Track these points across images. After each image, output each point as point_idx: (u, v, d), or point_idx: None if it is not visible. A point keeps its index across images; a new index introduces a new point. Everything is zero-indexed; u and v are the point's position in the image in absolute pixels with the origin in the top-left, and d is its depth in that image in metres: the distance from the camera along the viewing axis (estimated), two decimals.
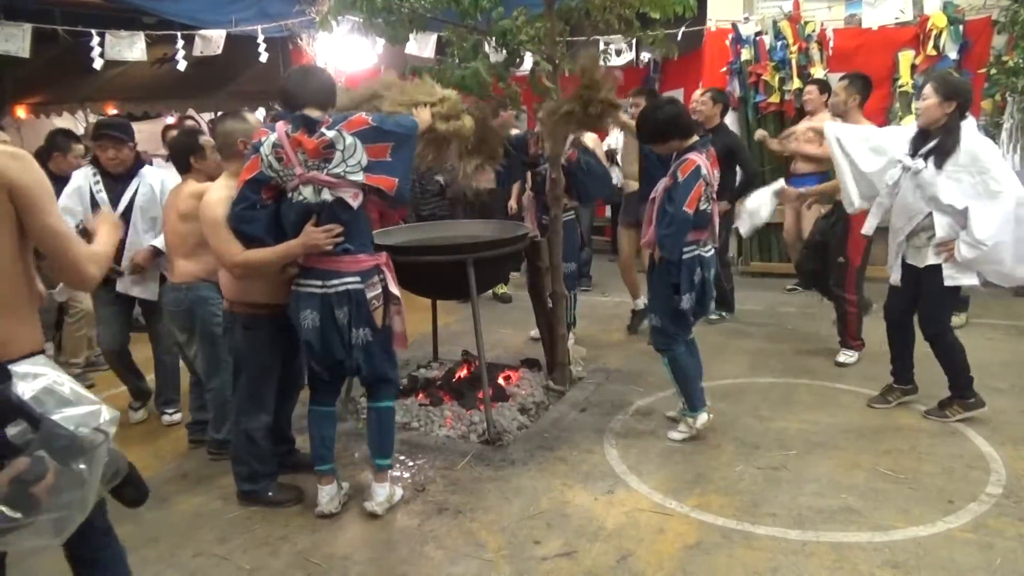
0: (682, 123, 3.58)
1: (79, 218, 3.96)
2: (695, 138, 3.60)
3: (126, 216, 4.01)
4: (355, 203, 2.88)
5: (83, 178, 4.13)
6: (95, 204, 4.02)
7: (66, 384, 1.09)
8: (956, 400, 3.96)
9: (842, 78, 4.95)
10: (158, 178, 4.20)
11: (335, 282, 2.93)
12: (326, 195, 2.86)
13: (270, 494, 3.33)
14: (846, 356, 4.90)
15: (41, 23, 6.18)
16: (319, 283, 2.95)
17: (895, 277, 3.95)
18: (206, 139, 3.82)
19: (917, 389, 4.15)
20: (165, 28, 7.11)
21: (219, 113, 10.53)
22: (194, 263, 3.71)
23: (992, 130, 6.40)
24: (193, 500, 3.42)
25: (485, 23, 3.89)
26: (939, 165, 3.59)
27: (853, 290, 4.81)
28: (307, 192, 2.87)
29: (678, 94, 8.35)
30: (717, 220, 3.81)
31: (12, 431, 0.97)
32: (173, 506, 3.36)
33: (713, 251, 3.79)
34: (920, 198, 3.69)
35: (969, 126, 3.65)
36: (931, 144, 3.64)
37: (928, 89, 3.66)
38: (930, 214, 3.68)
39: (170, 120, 9.97)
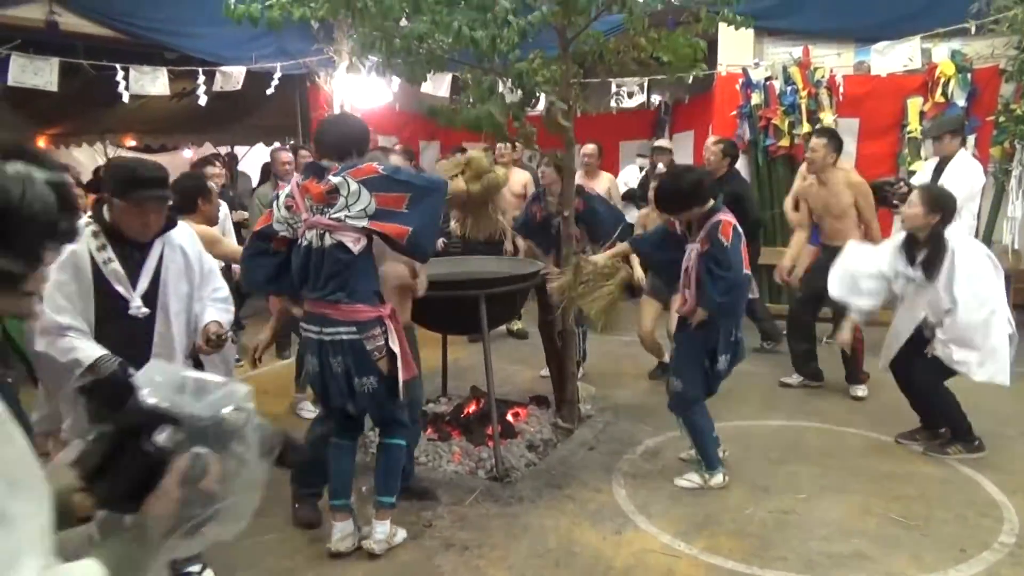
0: (704, 190, 3.58)
1: (69, 305, 2.58)
2: (712, 201, 3.60)
3: (150, 298, 2.71)
4: (355, 247, 2.88)
5: (82, 242, 2.62)
6: (101, 281, 2.63)
7: (189, 376, 1.10)
8: (959, 441, 4.03)
9: (819, 134, 5.14)
10: (189, 237, 2.92)
11: (330, 330, 2.93)
12: (328, 239, 2.89)
13: (296, 506, 3.39)
14: (861, 390, 5.01)
15: (65, 57, 6.33)
16: (317, 328, 2.97)
17: (884, 365, 4.23)
18: (212, 184, 3.93)
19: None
20: (186, 63, 7.27)
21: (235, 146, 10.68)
22: None
23: (1001, 177, 6.46)
24: None
25: (502, 64, 3.98)
26: (930, 277, 3.87)
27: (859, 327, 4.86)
28: (311, 236, 2.92)
29: (688, 137, 8.45)
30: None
31: (160, 437, 0.99)
32: None
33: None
34: (919, 303, 3.97)
35: (958, 229, 4.09)
36: (922, 256, 3.92)
37: (915, 197, 3.95)
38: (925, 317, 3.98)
39: (188, 153, 10.13)
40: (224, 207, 5.68)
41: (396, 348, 2.99)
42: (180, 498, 0.99)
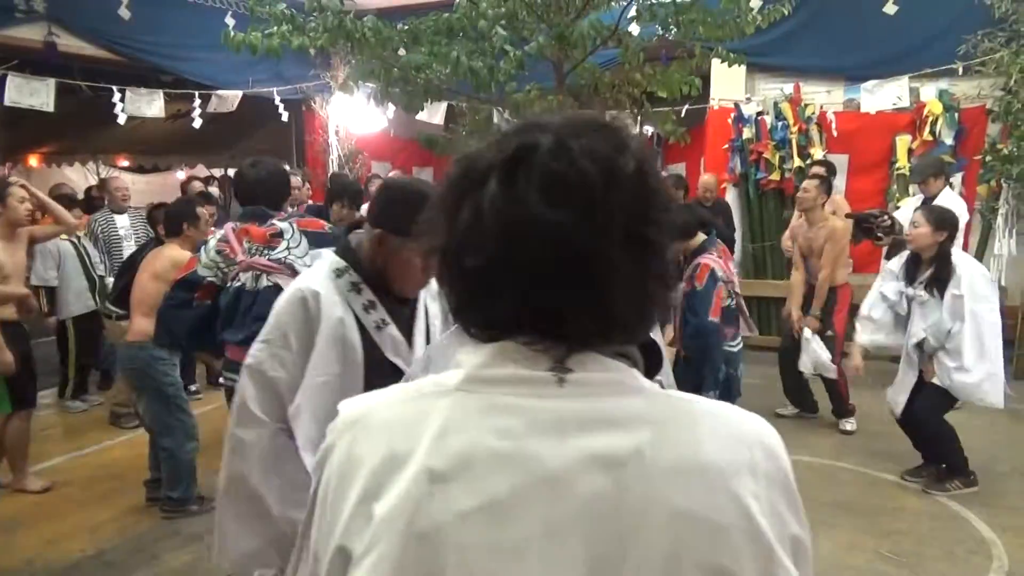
0: (685, 227, 3.57)
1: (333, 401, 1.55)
2: (701, 236, 3.61)
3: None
4: None
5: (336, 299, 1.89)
6: (373, 354, 1.87)
7: None
8: (957, 477, 4.03)
9: (812, 176, 5.21)
10: None
11: None
12: (263, 281, 2.71)
13: None
14: (850, 424, 5.03)
15: (61, 78, 6.35)
16: (235, 376, 2.59)
17: (898, 412, 4.15)
18: (202, 211, 3.95)
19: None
20: (182, 86, 7.30)
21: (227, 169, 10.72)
22: (152, 322, 3.57)
23: (987, 215, 6.55)
24: (183, 557, 3.36)
25: (499, 95, 4.02)
26: (940, 293, 3.86)
27: (839, 359, 4.91)
28: (246, 278, 2.74)
29: (679, 169, 8.53)
30: (746, 312, 3.86)
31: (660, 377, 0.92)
32: (164, 563, 3.31)
33: (741, 346, 3.82)
34: (918, 326, 3.97)
35: (957, 252, 4.02)
36: (928, 273, 3.92)
37: (920, 217, 3.95)
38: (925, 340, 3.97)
39: (181, 175, 10.14)
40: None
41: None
42: None
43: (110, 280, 5.34)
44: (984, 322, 3.82)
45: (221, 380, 2.84)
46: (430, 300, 2.03)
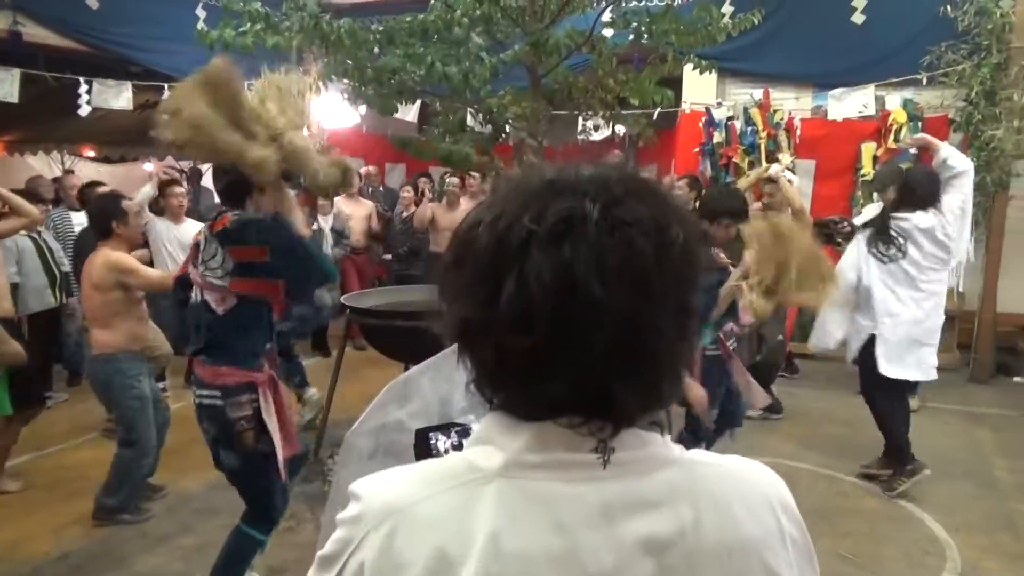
0: None
1: None
2: None
3: None
4: (219, 308, 2.58)
5: None
6: None
7: None
8: (899, 469, 4.14)
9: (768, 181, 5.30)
10: None
11: (198, 391, 2.64)
12: (199, 295, 2.62)
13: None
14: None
15: (26, 67, 6.23)
16: (194, 390, 2.68)
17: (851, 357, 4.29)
18: (129, 204, 3.72)
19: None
20: (151, 77, 7.19)
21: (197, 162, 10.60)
22: (111, 333, 3.61)
23: None
24: (152, 560, 3.34)
25: (473, 98, 4.04)
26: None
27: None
28: (195, 290, 2.65)
29: (650, 171, 8.61)
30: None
31: None
32: (131, 566, 3.29)
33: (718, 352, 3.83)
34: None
35: None
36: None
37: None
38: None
39: (149, 166, 9.97)
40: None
41: (270, 420, 2.61)
42: None
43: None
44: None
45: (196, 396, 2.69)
46: None
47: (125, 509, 3.71)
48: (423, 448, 1.52)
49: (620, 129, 10.22)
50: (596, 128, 7.68)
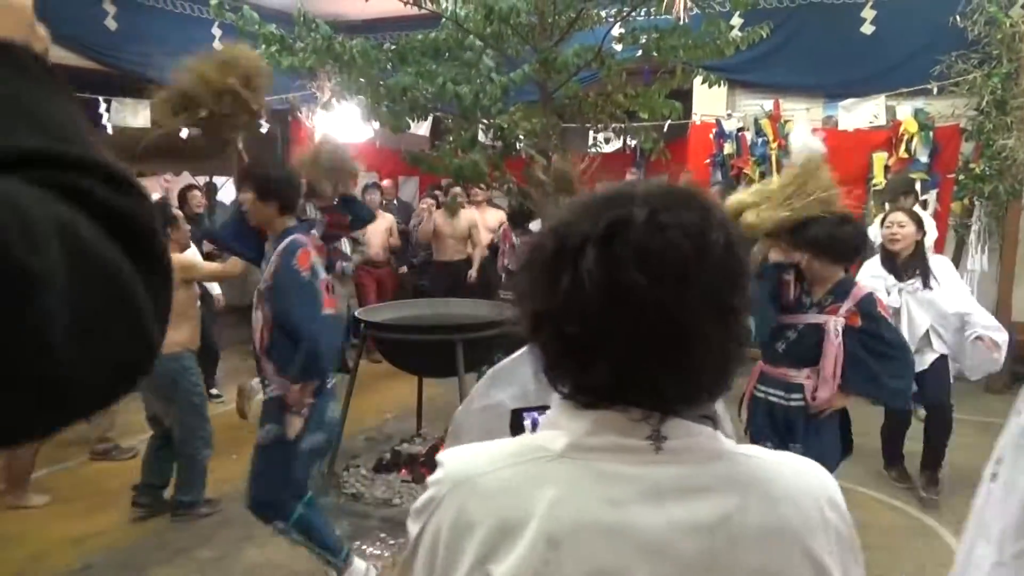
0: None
1: None
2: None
3: None
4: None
5: None
6: None
7: None
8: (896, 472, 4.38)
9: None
10: None
11: None
12: None
13: None
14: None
15: None
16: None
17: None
18: (178, 211, 4.01)
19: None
20: None
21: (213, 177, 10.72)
22: (177, 332, 3.72)
23: (960, 231, 6.71)
24: (171, 571, 3.39)
25: (485, 116, 4.09)
26: (926, 284, 4.08)
27: None
28: None
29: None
30: None
31: None
32: None
33: None
34: (925, 314, 4.12)
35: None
36: (915, 268, 4.12)
37: (903, 218, 4.17)
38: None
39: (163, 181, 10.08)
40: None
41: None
42: None
43: None
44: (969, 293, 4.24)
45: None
46: None
47: (200, 503, 3.87)
48: (517, 425, 1.72)
49: (631, 141, 10.30)
50: (607, 141, 7.73)
